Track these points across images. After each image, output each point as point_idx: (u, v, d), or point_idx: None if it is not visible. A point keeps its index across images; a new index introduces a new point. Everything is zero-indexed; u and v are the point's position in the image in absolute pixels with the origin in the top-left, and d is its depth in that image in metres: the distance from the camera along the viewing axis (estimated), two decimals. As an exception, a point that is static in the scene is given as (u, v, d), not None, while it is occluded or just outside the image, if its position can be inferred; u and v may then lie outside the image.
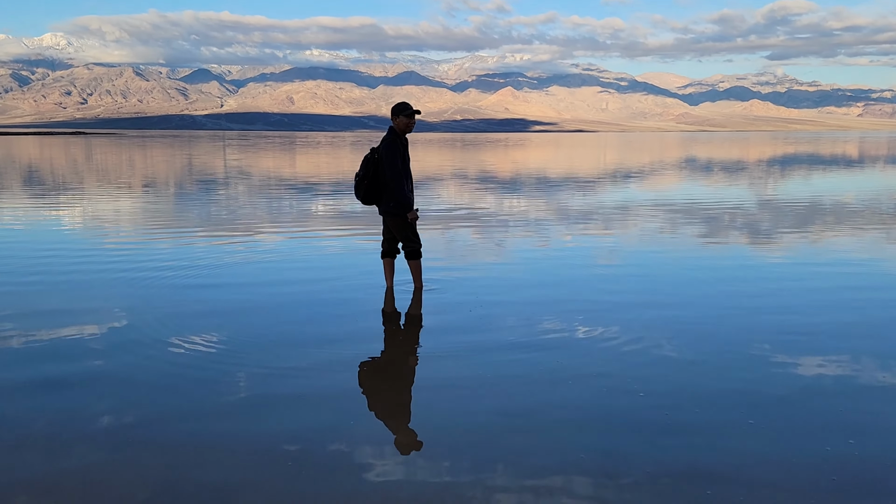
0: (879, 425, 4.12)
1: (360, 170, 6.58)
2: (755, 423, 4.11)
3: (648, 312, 6.53)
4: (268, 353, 5.35)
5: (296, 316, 6.46)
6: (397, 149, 6.54)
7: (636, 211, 14.84)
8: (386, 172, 6.48)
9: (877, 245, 10.56)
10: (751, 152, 54.60)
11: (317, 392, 4.59)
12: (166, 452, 3.71)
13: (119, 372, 4.94)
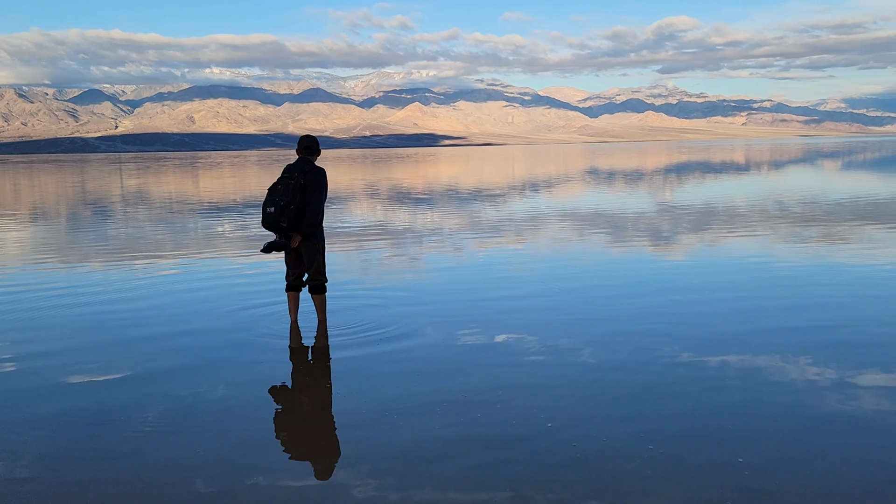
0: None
1: (279, 196, 6.14)
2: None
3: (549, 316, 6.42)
4: (175, 381, 4.83)
5: (196, 347, 5.91)
6: (326, 178, 6.41)
7: (548, 220, 14.95)
8: (317, 200, 6.16)
9: (767, 244, 11.01)
10: (651, 161, 57.14)
11: (216, 435, 4.11)
12: None
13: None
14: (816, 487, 3.57)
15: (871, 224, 13.50)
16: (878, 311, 7.01)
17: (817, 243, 11.33)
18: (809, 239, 11.79)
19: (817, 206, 17.37)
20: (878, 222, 13.75)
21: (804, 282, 8.47)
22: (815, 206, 17.38)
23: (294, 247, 6.31)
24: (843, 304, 7.34)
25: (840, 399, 4.71)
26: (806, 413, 4.51)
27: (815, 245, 11.17)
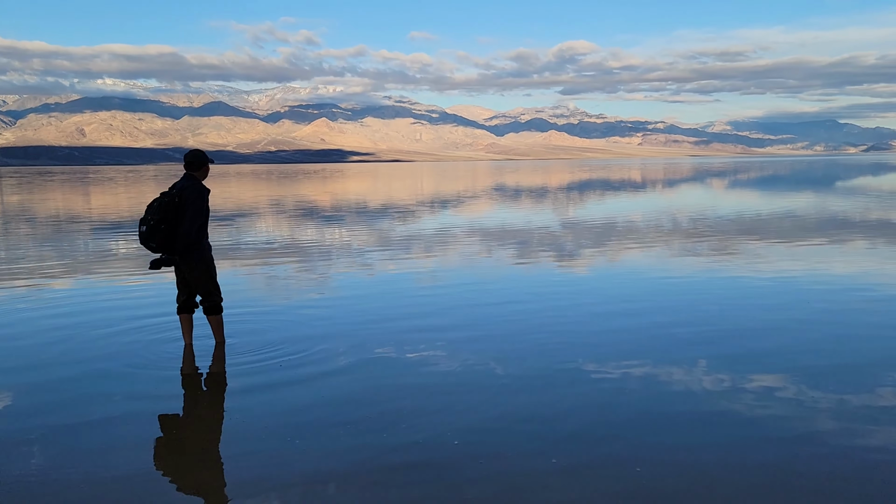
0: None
1: (151, 214, 5.80)
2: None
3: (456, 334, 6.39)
4: (64, 410, 4.41)
5: (88, 371, 5.44)
6: (207, 196, 6.11)
7: (458, 237, 15.02)
8: (189, 220, 5.82)
9: (660, 258, 11.51)
10: (556, 179, 58.94)
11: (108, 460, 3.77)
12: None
13: None
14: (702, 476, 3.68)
15: (755, 239, 14.39)
16: (760, 320, 7.42)
17: (708, 257, 11.94)
18: (701, 253, 12.41)
19: (708, 221, 18.37)
20: (761, 237, 14.68)
21: (694, 293, 8.87)
22: (706, 221, 18.38)
23: (175, 265, 5.97)
24: (730, 315, 7.72)
25: (725, 399, 4.91)
26: (692, 413, 4.67)
27: (706, 259, 11.76)
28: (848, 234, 15.00)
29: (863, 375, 5.53)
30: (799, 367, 5.74)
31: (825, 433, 4.45)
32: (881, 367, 5.73)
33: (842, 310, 7.86)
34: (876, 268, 10.64)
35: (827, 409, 4.83)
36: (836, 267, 10.76)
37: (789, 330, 6.97)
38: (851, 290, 8.91)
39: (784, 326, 7.12)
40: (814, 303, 8.20)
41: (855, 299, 8.37)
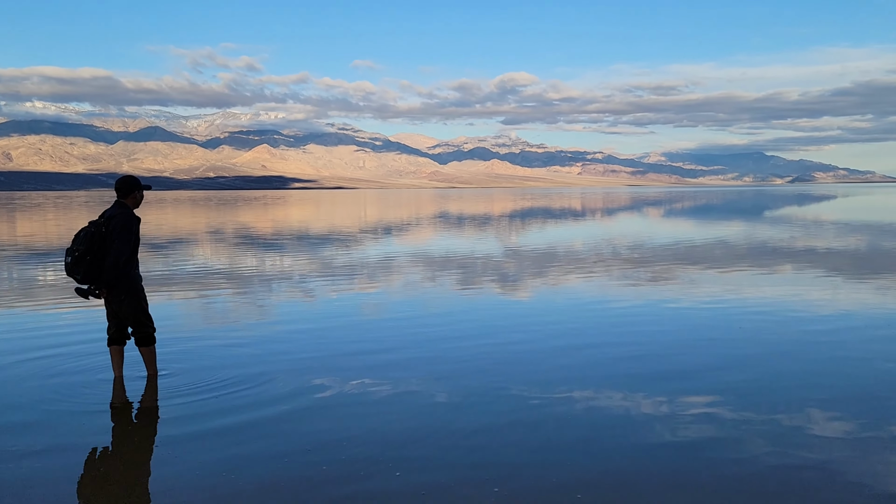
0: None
1: (77, 245, 5.58)
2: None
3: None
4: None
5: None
6: (137, 225, 5.87)
7: (399, 265, 14.97)
8: (115, 250, 5.61)
9: (603, 286, 11.77)
10: (499, 207, 59.67)
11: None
12: None
13: None
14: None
15: (689, 266, 14.87)
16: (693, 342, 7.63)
17: (646, 284, 12.25)
18: (639, 279, 12.73)
19: (645, 249, 18.89)
20: (695, 264, 15.17)
21: (633, 319, 9.07)
22: (643, 249, 18.90)
23: (103, 297, 5.73)
24: (667, 340, 7.92)
25: (662, 423, 5.01)
26: (632, 439, 4.74)
27: (644, 286, 12.06)
28: (777, 260, 15.67)
29: (794, 395, 5.73)
30: (728, 388, 5.91)
31: (758, 454, 4.57)
32: (811, 387, 5.95)
33: (770, 331, 8.16)
34: (802, 292, 11.12)
35: (759, 430, 4.97)
36: (765, 291, 11.19)
37: (718, 352, 7.19)
38: (779, 313, 9.26)
39: (714, 349, 7.34)
40: (741, 324, 8.50)
41: (784, 321, 8.71)
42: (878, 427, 5.02)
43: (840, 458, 4.50)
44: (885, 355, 7.05)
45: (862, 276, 12.97)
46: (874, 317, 9.08)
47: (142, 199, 6.05)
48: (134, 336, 6.02)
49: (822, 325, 8.60)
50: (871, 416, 5.24)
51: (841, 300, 10.39)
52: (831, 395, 5.77)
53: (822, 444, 4.73)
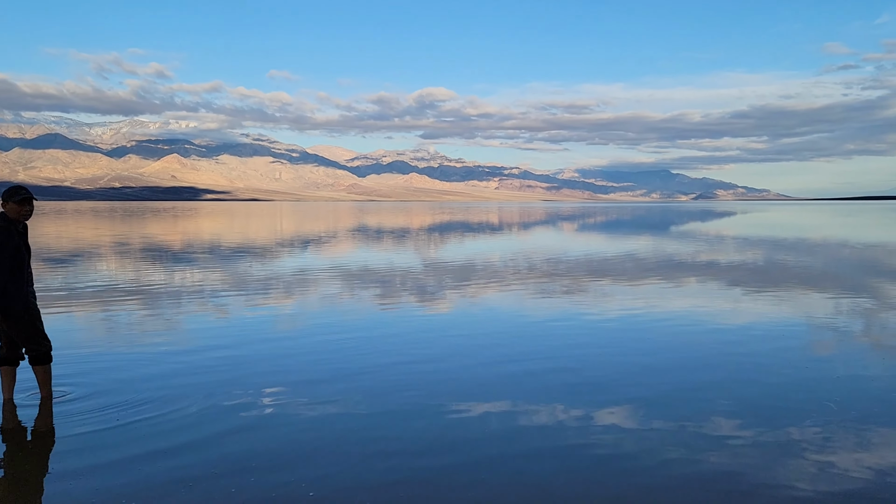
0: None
1: None
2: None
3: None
4: None
5: None
6: (10, 239, 5.31)
7: (314, 277, 14.66)
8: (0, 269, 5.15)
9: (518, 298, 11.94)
10: (418, 220, 59.76)
11: None
12: None
13: None
14: None
15: (602, 279, 15.32)
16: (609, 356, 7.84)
17: (561, 297, 12.51)
18: (554, 293, 12.99)
19: (560, 263, 19.34)
20: (608, 277, 15.65)
21: (550, 331, 9.22)
22: (559, 263, 19.34)
23: None
24: (582, 353, 8.09)
25: (581, 434, 5.08)
26: (552, 450, 4.78)
27: (559, 299, 12.32)
28: (684, 273, 16.38)
29: (702, 404, 5.95)
30: (639, 398, 6.08)
31: (668, 461, 4.69)
32: (718, 396, 6.19)
33: (678, 342, 8.48)
34: (707, 303, 11.65)
35: (669, 438, 5.12)
36: (674, 303, 11.65)
37: (631, 362, 7.40)
38: (686, 324, 9.66)
39: (626, 359, 7.55)
40: (652, 335, 8.80)
41: (692, 332, 9.08)
42: (778, 432, 5.27)
43: (745, 463, 4.68)
44: (784, 363, 7.45)
45: (761, 287, 13.74)
46: (773, 326, 9.60)
47: (20, 212, 5.42)
48: (28, 355, 5.57)
49: (726, 335, 9.01)
50: (773, 423, 5.50)
51: (743, 311, 10.94)
52: (737, 402, 6.03)
53: (729, 450, 4.91)
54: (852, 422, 5.48)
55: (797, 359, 7.64)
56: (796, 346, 8.26)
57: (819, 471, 4.56)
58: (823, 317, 10.30)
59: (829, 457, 4.78)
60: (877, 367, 7.22)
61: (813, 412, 5.72)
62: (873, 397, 6.16)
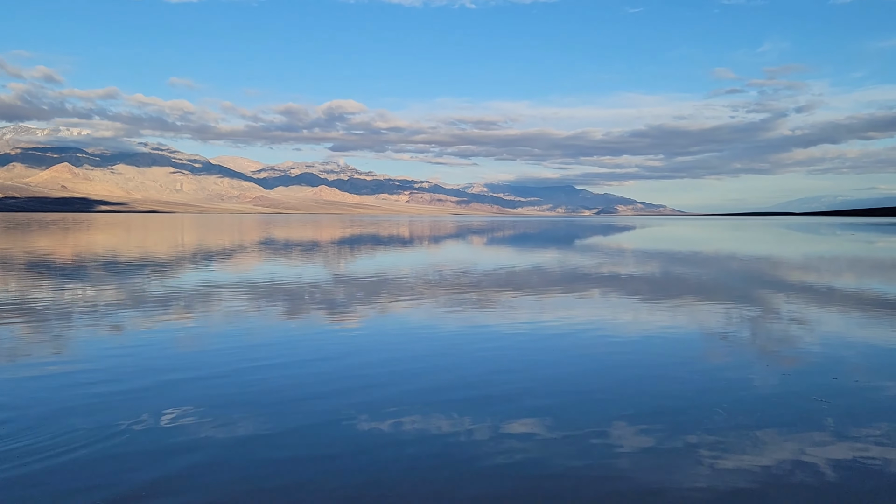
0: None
1: None
2: None
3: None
4: None
5: None
6: None
7: (216, 293, 14.13)
8: None
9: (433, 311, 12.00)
10: (326, 233, 58.88)
11: None
12: None
13: None
14: None
15: (509, 291, 15.62)
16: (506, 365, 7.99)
17: (470, 309, 12.66)
18: (462, 305, 13.13)
19: (469, 275, 19.57)
20: (515, 289, 15.99)
21: (456, 345, 9.30)
22: (468, 275, 19.57)
23: None
24: (489, 363, 8.20)
25: (487, 445, 5.15)
26: (453, 459, 4.82)
27: (467, 311, 12.46)
28: (587, 285, 16.97)
29: (603, 412, 6.16)
30: (544, 407, 6.24)
31: (571, 468, 4.83)
32: (618, 403, 6.44)
33: (581, 352, 8.77)
34: (609, 314, 12.12)
35: (572, 446, 5.28)
36: (578, 313, 12.04)
37: (537, 374, 7.58)
38: (590, 334, 10.00)
39: (533, 371, 7.73)
40: (557, 345, 9.05)
41: (594, 342, 9.40)
42: (675, 437, 5.54)
43: (643, 466, 4.89)
44: (679, 370, 7.85)
45: (658, 298, 14.43)
46: (668, 335, 10.10)
47: None
48: None
49: (626, 345, 9.41)
50: (669, 428, 5.77)
51: (642, 321, 11.45)
52: (636, 410, 6.29)
53: (627, 455, 5.12)
54: (740, 427, 5.84)
55: (690, 366, 8.07)
56: (689, 355, 8.73)
57: (712, 472, 4.82)
58: (714, 326, 10.94)
59: (719, 459, 5.07)
60: (762, 374, 7.74)
61: (705, 418, 6.05)
62: (759, 402, 6.59)
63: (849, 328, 10.73)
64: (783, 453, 5.20)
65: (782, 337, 10.02)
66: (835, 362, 8.28)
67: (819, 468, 4.92)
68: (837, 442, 5.44)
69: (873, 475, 4.83)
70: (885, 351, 8.99)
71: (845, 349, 9.09)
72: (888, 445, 5.39)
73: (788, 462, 5.03)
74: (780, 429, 5.74)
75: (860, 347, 9.21)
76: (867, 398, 6.69)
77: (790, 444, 5.38)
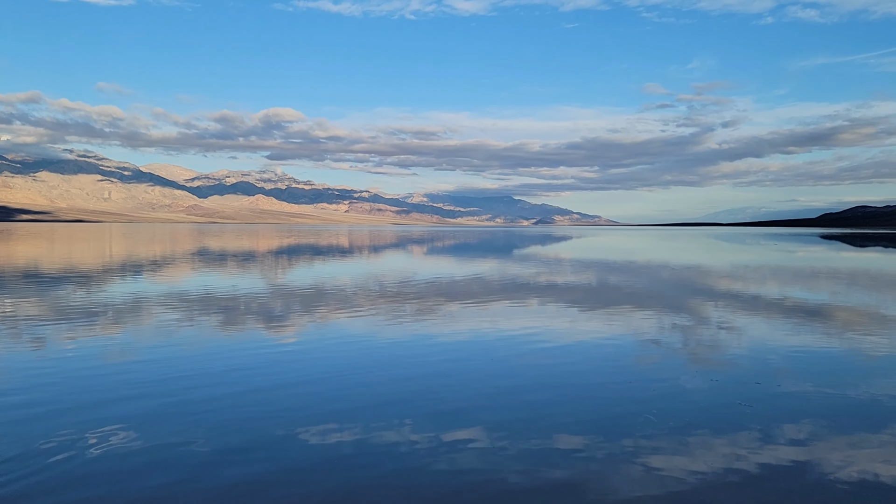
0: None
1: None
2: None
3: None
4: None
5: None
6: None
7: (144, 305, 13.67)
8: None
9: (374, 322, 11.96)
10: (262, 243, 57.74)
11: None
12: None
13: None
14: None
15: (451, 301, 15.72)
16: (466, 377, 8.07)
17: (411, 320, 12.67)
18: (404, 316, 13.13)
19: (410, 285, 19.58)
20: (456, 299, 16.09)
21: (395, 356, 9.32)
22: (409, 285, 19.56)
23: None
24: (431, 374, 8.25)
25: (428, 456, 5.19)
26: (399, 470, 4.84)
27: (409, 322, 12.47)
28: (528, 294, 17.23)
29: (545, 421, 6.29)
30: (489, 418, 6.33)
31: (514, 477, 4.92)
32: (560, 410, 6.59)
33: (524, 362, 8.92)
34: (548, 323, 12.35)
35: (516, 455, 5.37)
36: (518, 323, 12.22)
37: (481, 386, 7.68)
38: (530, 344, 10.17)
39: (477, 382, 7.82)
40: (497, 355, 9.19)
41: (535, 352, 9.58)
42: (613, 443, 5.72)
43: (585, 472, 5.03)
44: (614, 377, 8.09)
45: (594, 306, 14.79)
46: (606, 344, 10.38)
47: None
48: None
49: (563, 354, 9.62)
50: (606, 435, 5.95)
51: (579, 330, 11.71)
52: (575, 418, 6.45)
53: (570, 462, 5.26)
54: (672, 432, 6.07)
55: (626, 374, 8.33)
56: (624, 363, 9.00)
57: (648, 477, 5.00)
58: (648, 334, 11.31)
59: (653, 464, 5.26)
60: (693, 380, 8.05)
61: (640, 425, 6.26)
62: (690, 408, 6.86)
63: (773, 334, 11.27)
64: (713, 457, 5.43)
65: (712, 343, 10.45)
66: (759, 367, 8.69)
67: (745, 471, 5.17)
68: (761, 445, 5.72)
69: (793, 475, 5.10)
70: (805, 355, 9.50)
71: (769, 354, 9.55)
72: (807, 447, 5.70)
73: (719, 466, 5.26)
74: (710, 433, 6.00)
75: (783, 352, 9.70)
76: (788, 402, 7.06)
77: (719, 448, 5.63)
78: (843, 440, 5.84)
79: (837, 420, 6.40)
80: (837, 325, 12.35)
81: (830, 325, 12.33)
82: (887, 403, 6.98)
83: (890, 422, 6.35)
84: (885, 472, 5.12)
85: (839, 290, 19.16)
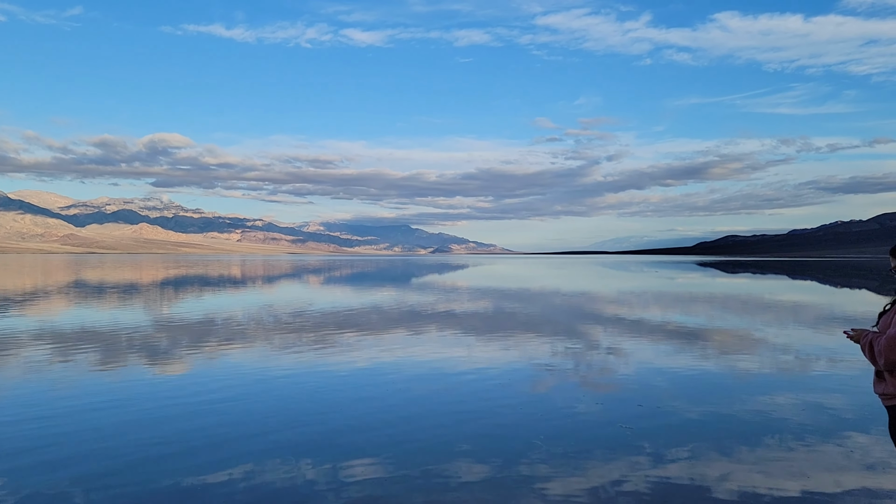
0: None
1: None
2: None
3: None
4: None
5: None
6: None
7: (11, 342, 12.59)
8: None
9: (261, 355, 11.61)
10: (142, 275, 54.75)
11: None
12: None
13: None
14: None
15: (347, 330, 15.52)
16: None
17: (306, 350, 12.40)
18: (298, 347, 12.84)
19: (304, 316, 19.17)
20: (352, 328, 15.93)
21: (288, 387, 9.09)
22: (303, 316, 19.15)
23: None
24: (329, 405, 8.10)
25: (332, 489, 5.08)
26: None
27: (304, 352, 12.20)
28: (424, 322, 17.31)
29: (441, 447, 6.32)
30: (385, 447, 6.28)
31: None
32: (456, 437, 6.63)
33: (419, 389, 8.93)
34: (446, 350, 12.45)
35: (414, 483, 5.36)
36: (415, 351, 12.23)
37: (377, 415, 7.62)
38: (427, 371, 10.21)
39: (372, 411, 7.75)
40: (396, 384, 9.16)
41: (431, 378, 9.61)
42: (508, 468, 5.82)
43: (480, 497, 5.09)
44: (508, 403, 8.26)
45: (489, 333, 15.07)
46: (500, 368, 10.59)
47: None
48: None
49: (458, 379, 9.72)
50: (502, 460, 6.05)
51: (474, 356, 11.89)
52: (471, 444, 6.52)
53: (465, 487, 5.30)
54: (559, 454, 6.26)
55: (519, 397, 8.52)
56: (517, 389, 9.21)
57: (536, 498, 5.12)
58: (540, 358, 11.64)
59: (540, 484, 5.40)
60: (582, 402, 8.35)
61: (529, 446, 6.42)
62: (577, 429, 7.11)
63: (655, 357, 11.91)
64: (595, 477, 5.65)
65: (600, 367, 10.90)
66: (642, 389, 9.14)
67: (622, 489, 5.41)
68: (639, 464, 6.01)
69: (673, 491, 5.39)
70: (684, 377, 10.09)
71: (651, 376, 10.08)
72: (681, 462, 6.04)
73: (597, 485, 5.47)
74: (592, 454, 6.24)
75: (665, 374, 10.26)
76: (666, 422, 7.46)
77: (600, 468, 5.86)
78: (720, 456, 6.23)
79: (715, 437, 6.83)
80: (713, 347, 13.23)
81: (707, 347, 13.19)
82: (760, 420, 7.52)
83: (763, 436, 6.84)
84: (762, 483, 5.50)
85: (714, 313, 20.56)
